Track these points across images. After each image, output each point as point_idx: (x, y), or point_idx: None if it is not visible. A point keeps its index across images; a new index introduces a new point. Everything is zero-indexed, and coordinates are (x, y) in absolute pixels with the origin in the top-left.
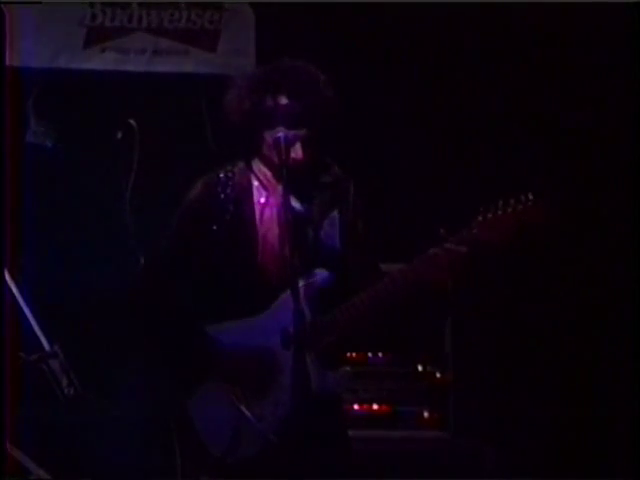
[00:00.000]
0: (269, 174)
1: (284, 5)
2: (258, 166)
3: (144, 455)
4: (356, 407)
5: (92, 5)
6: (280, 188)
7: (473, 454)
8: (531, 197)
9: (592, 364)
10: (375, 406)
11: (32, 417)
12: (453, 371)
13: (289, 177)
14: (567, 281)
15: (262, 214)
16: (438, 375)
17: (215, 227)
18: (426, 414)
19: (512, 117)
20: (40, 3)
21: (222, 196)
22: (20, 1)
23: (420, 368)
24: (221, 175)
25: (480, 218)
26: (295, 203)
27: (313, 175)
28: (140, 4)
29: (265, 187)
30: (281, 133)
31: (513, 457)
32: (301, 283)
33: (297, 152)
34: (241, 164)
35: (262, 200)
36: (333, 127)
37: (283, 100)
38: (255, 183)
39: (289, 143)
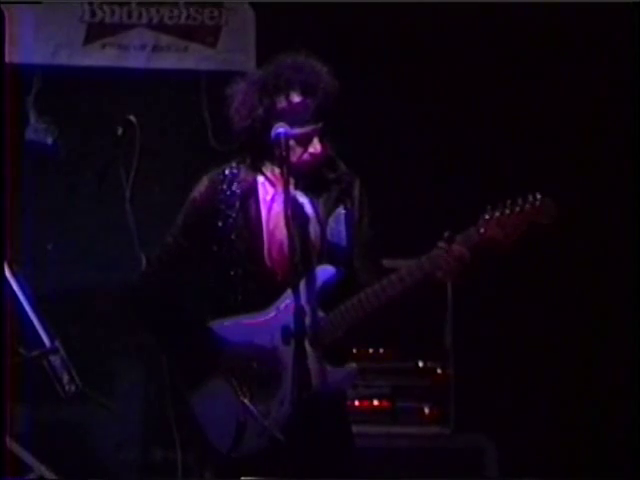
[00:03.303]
0: (277, 171)
1: (284, 1)
2: (266, 163)
3: (145, 452)
4: (357, 403)
5: (92, 2)
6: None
7: (474, 450)
8: (539, 197)
9: (593, 363)
10: (375, 402)
11: (33, 414)
12: (454, 367)
13: (296, 174)
14: (569, 279)
15: (269, 211)
16: (439, 371)
17: (220, 223)
18: (427, 410)
19: (518, 116)
20: (40, 3)
21: (228, 192)
22: (20, 1)
23: (421, 364)
24: (227, 171)
25: (487, 217)
26: (302, 199)
27: (319, 172)
28: (140, 1)
29: (273, 184)
30: (281, 129)
31: (514, 453)
32: (305, 280)
33: (316, 147)
34: (247, 161)
35: (269, 197)
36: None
37: (296, 98)
38: (261, 180)
39: (289, 138)
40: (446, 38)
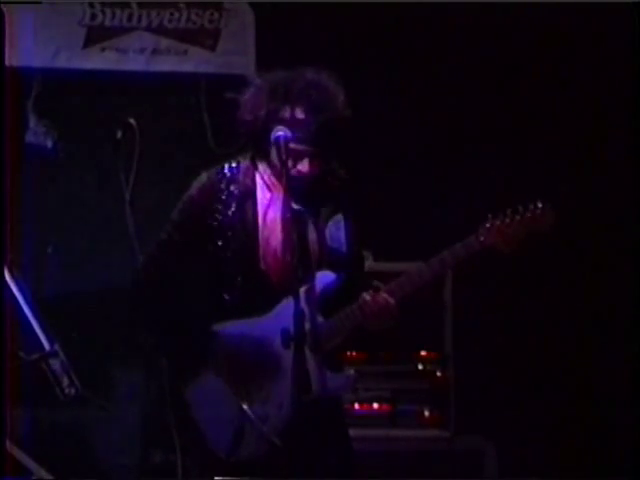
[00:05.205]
0: (274, 177)
1: (284, 4)
2: (264, 167)
3: (145, 455)
4: (356, 406)
5: (92, 5)
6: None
7: (474, 453)
8: (539, 205)
9: (593, 365)
10: (375, 405)
11: (32, 417)
12: (453, 370)
13: (293, 180)
14: (569, 284)
15: (265, 215)
16: (438, 374)
17: (216, 223)
18: (427, 413)
19: (518, 121)
20: (40, 3)
21: (226, 192)
22: (20, 1)
23: (420, 367)
24: (226, 170)
25: (488, 225)
26: (299, 206)
27: (318, 178)
28: (140, 3)
29: (269, 188)
30: (281, 132)
31: (514, 456)
32: (305, 285)
33: (304, 166)
34: (247, 161)
35: (266, 201)
36: (343, 143)
37: (300, 114)
38: (260, 182)
39: (288, 142)
40: (447, 41)
